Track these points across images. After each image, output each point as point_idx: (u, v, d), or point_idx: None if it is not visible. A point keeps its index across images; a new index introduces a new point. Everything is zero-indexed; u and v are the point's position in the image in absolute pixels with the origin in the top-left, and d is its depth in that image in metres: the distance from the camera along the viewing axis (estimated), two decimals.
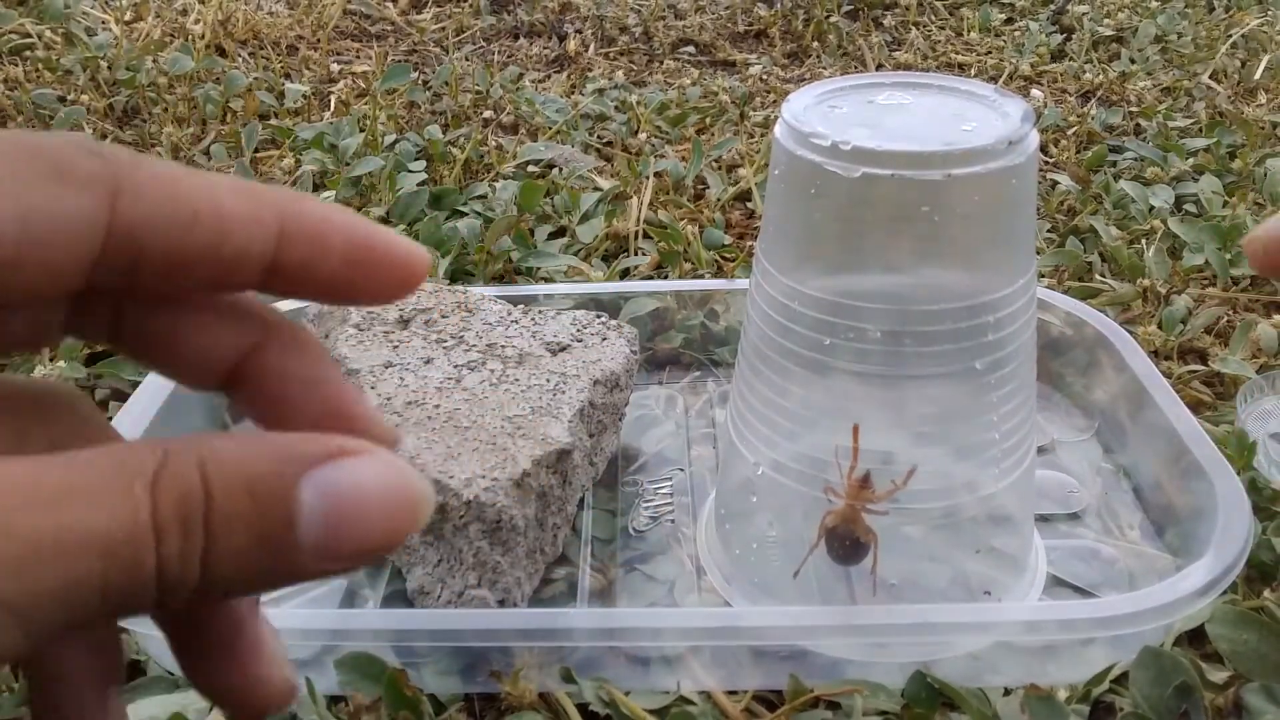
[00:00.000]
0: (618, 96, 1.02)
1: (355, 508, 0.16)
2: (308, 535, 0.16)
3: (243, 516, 0.15)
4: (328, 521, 0.16)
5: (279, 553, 0.16)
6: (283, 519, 0.16)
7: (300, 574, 0.16)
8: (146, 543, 0.15)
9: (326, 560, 0.16)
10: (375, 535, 0.16)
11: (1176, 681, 0.38)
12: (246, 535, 0.15)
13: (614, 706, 0.39)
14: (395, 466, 0.17)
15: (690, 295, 0.61)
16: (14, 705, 0.40)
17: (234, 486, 0.15)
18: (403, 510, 0.16)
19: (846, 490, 0.39)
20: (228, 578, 0.16)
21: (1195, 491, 0.45)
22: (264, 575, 0.16)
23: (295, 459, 0.16)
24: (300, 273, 0.18)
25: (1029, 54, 1.13)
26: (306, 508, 0.16)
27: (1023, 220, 0.39)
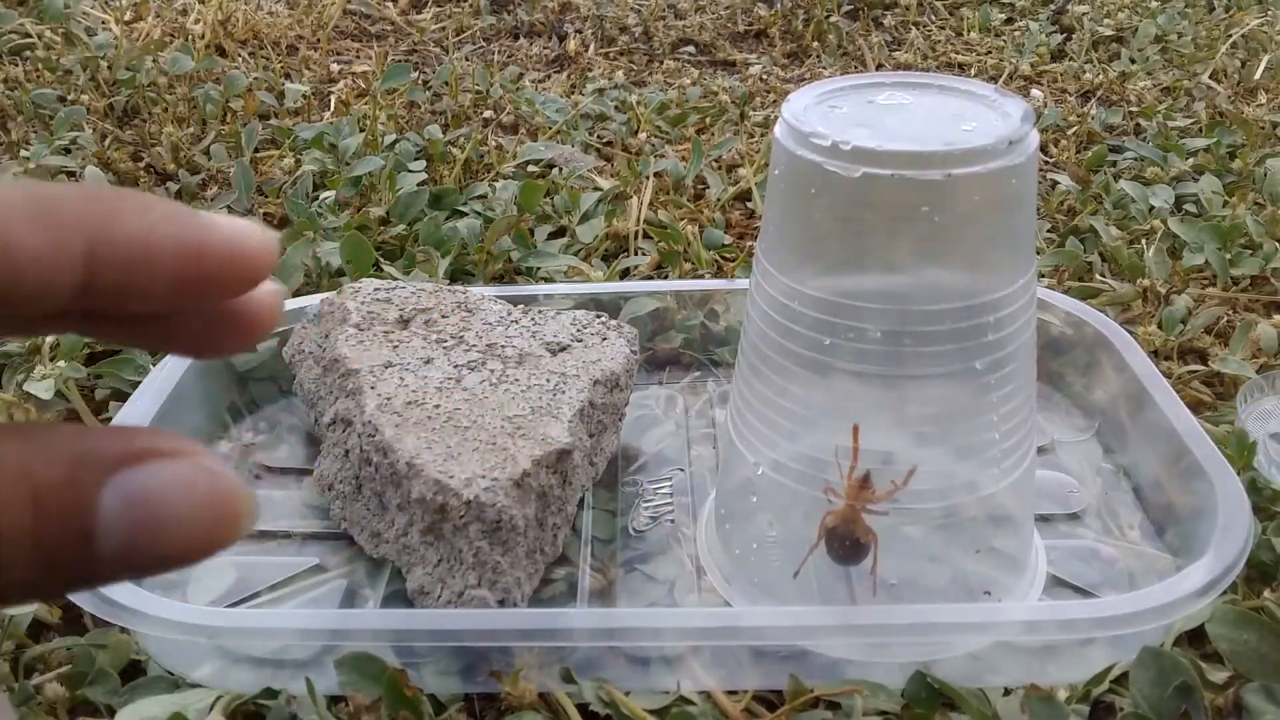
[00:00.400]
0: (618, 96, 1.02)
1: (161, 516, 0.15)
2: (107, 546, 0.14)
3: (27, 534, 0.14)
4: (131, 531, 0.15)
5: (68, 565, 0.15)
6: (75, 533, 0.14)
7: (95, 581, 0.15)
8: None
9: (126, 570, 0.15)
10: (184, 544, 0.15)
11: (1176, 682, 0.38)
12: (30, 550, 0.14)
13: (614, 707, 0.39)
14: (207, 470, 0.15)
15: (690, 295, 0.61)
16: (15, 704, 0.40)
17: (14, 499, 0.14)
18: (215, 518, 0.15)
19: (846, 490, 0.39)
20: (25, 594, 0.15)
21: (1195, 491, 0.45)
22: (51, 586, 0.15)
23: (96, 463, 0.15)
24: (121, 297, 0.16)
25: (1029, 54, 1.13)
26: (106, 518, 0.14)
27: (1023, 220, 0.39)
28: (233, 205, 0.78)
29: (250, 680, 0.40)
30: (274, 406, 0.58)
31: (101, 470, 0.15)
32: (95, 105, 0.94)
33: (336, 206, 0.78)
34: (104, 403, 0.57)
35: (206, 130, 0.92)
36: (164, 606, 0.38)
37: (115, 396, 0.57)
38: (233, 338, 0.18)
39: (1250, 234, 0.71)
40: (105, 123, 0.92)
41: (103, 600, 0.38)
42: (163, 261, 0.16)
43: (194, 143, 0.89)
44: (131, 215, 0.16)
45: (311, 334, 0.54)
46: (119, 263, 0.16)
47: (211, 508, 0.15)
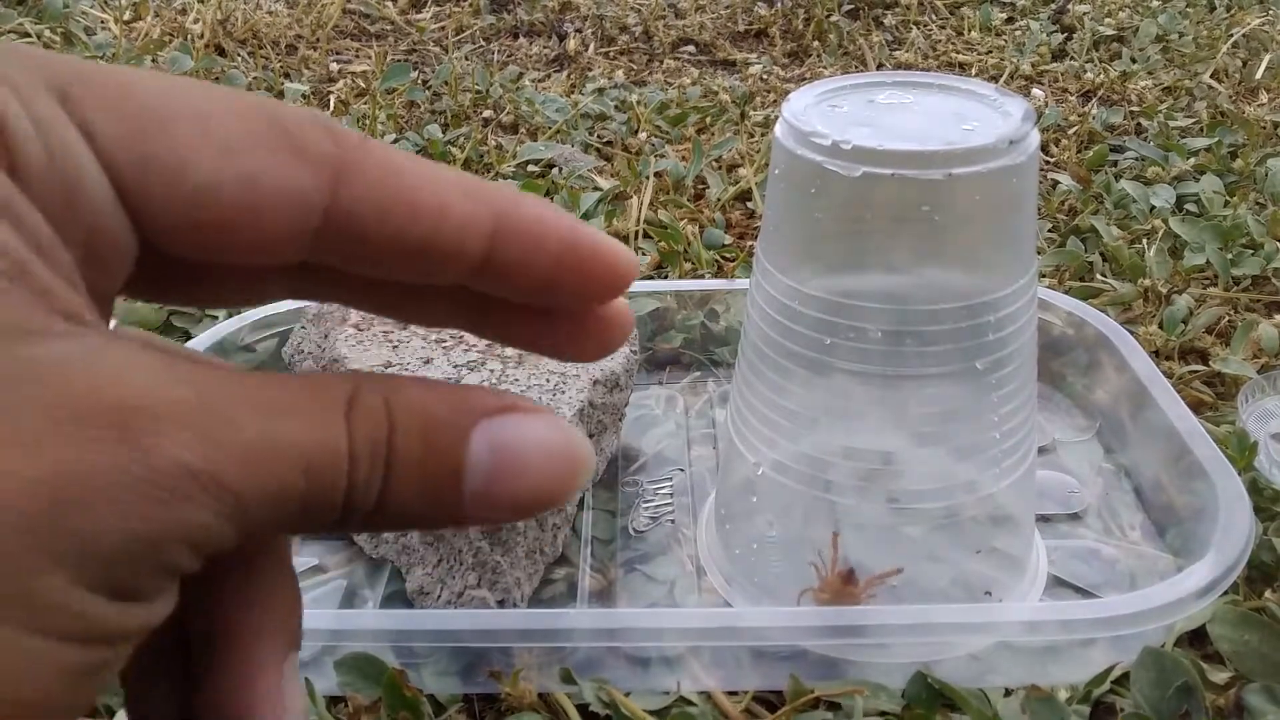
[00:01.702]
0: (618, 96, 1.02)
1: (518, 463, 0.17)
2: (471, 484, 0.17)
3: (416, 457, 0.16)
4: (491, 474, 0.17)
5: (442, 496, 0.17)
6: (450, 467, 0.17)
7: (459, 519, 0.17)
8: (342, 468, 0.16)
9: (484, 510, 0.17)
10: (535, 493, 0.17)
11: (1178, 682, 0.38)
12: (418, 477, 0.16)
13: (614, 707, 0.39)
14: (561, 428, 0.17)
15: (690, 295, 0.61)
16: None
17: (411, 427, 0.16)
18: (563, 472, 0.17)
19: (828, 584, 0.40)
20: (396, 513, 0.17)
21: (1196, 492, 0.44)
22: (428, 514, 0.17)
23: (470, 409, 0.17)
24: (510, 271, 0.18)
25: (1030, 53, 1.13)
26: (474, 458, 0.17)
27: (1024, 220, 0.38)
28: None
29: None
30: None
31: (475, 416, 0.17)
32: None
33: None
34: None
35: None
36: None
37: None
38: (593, 341, 0.20)
39: (1251, 234, 0.71)
40: None
41: None
42: (549, 246, 0.18)
43: None
44: (530, 201, 0.18)
45: (311, 334, 0.54)
46: (517, 237, 0.18)
47: (563, 461, 0.17)
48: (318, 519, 0.16)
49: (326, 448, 0.16)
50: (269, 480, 0.15)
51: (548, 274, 0.19)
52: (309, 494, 0.16)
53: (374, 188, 0.17)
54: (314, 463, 0.16)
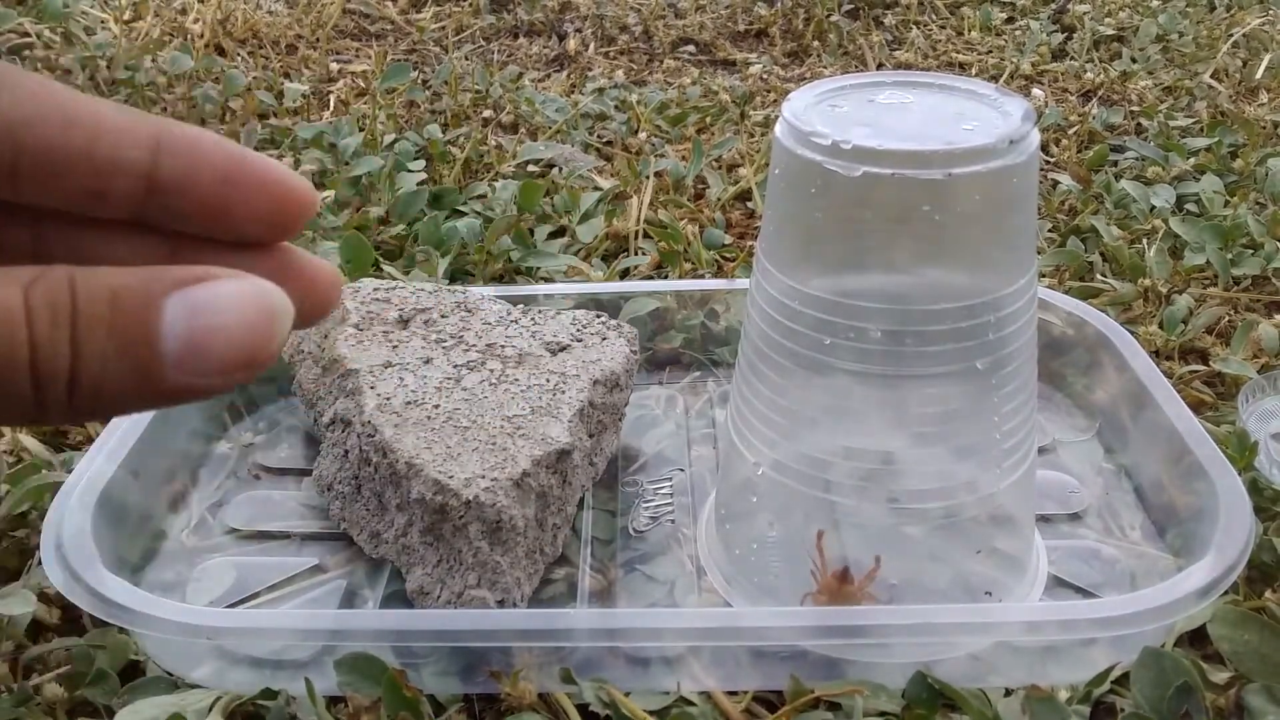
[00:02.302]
0: (618, 96, 1.02)
1: (215, 320, 0.17)
2: (169, 346, 0.17)
3: (103, 320, 0.16)
4: (189, 335, 0.17)
5: (139, 361, 0.17)
6: (142, 326, 0.16)
7: (164, 389, 0.17)
8: (18, 322, 0.16)
9: (188, 373, 0.17)
10: (237, 347, 0.17)
11: (1178, 682, 0.38)
12: (107, 339, 0.16)
13: (614, 707, 0.39)
14: (257, 284, 0.17)
15: (690, 295, 0.60)
16: (13, 705, 0.40)
17: (97, 294, 0.16)
18: (262, 322, 0.17)
19: (825, 585, 0.40)
20: (93, 386, 0.16)
21: (1196, 492, 0.44)
22: (129, 384, 0.17)
23: (162, 279, 0.17)
24: (177, 188, 0.19)
25: (1030, 53, 1.13)
26: (168, 322, 0.17)
27: (1024, 220, 0.38)
28: None
29: (249, 681, 0.40)
30: (273, 407, 0.58)
31: (170, 284, 0.17)
32: None
33: (336, 206, 0.77)
34: None
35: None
36: (163, 607, 0.38)
37: None
38: (299, 298, 0.20)
39: (1251, 234, 0.71)
40: None
41: (101, 601, 0.38)
42: (215, 161, 0.19)
43: None
44: (189, 125, 0.19)
45: (311, 334, 0.54)
46: (180, 152, 0.19)
47: (259, 314, 0.17)
48: (7, 391, 0.16)
49: (4, 300, 0.16)
50: None
51: (216, 194, 0.19)
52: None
53: (29, 100, 0.18)
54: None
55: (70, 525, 0.41)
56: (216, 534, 0.49)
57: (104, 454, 0.46)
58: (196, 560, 0.47)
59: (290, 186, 0.20)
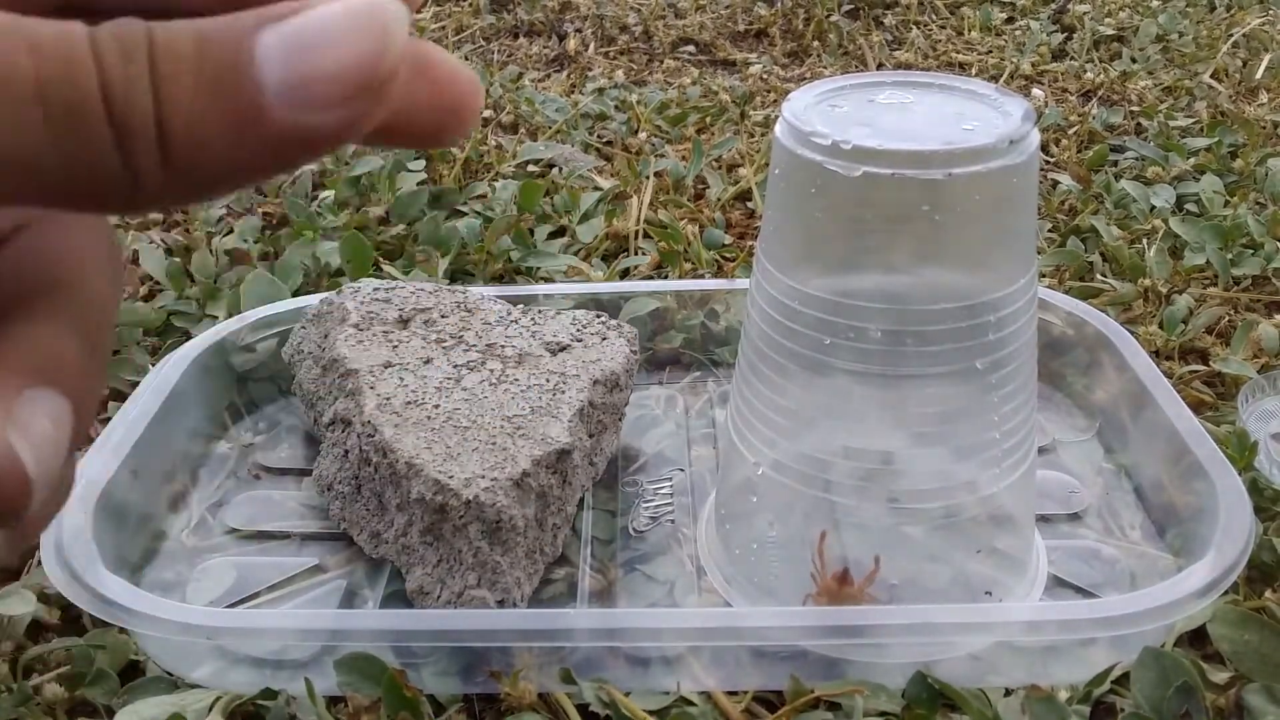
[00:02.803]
0: (618, 96, 1.02)
1: (318, 33, 0.14)
2: (269, 76, 0.14)
3: (187, 57, 0.14)
4: (289, 57, 0.14)
5: (240, 98, 0.14)
6: (234, 57, 0.14)
7: (273, 131, 0.14)
8: (81, 51, 0.13)
9: (298, 108, 0.14)
10: (345, 62, 0.14)
11: (1178, 682, 0.38)
12: (196, 75, 0.14)
13: (614, 707, 0.39)
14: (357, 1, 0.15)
15: (690, 295, 0.60)
16: (13, 705, 0.40)
17: (177, 33, 0.14)
18: (370, 28, 0.15)
19: (825, 587, 0.40)
20: (190, 130, 0.14)
21: (1196, 492, 0.44)
22: (233, 133, 0.14)
23: (249, 18, 0.14)
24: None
25: (1030, 53, 1.13)
26: (263, 49, 0.14)
27: (1024, 220, 0.38)
28: (232, 205, 0.78)
29: (249, 681, 0.40)
30: (273, 406, 0.58)
31: (259, 20, 0.14)
32: None
33: (336, 206, 0.77)
34: (103, 403, 0.57)
35: None
36: (163, 607, 0.38)
37: (115, 396, 0.57)
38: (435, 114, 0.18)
39: (1251, 234, 0.71)
40: None
41: (101, 600, 0.38)
42: None
43: None
44: None
45: (311, 334, 0.54)
46: None
47: (367, 18, 0.15)
48: (90, 151, 0.13)
49: (60, 32, 0.13)
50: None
51: None
52: (48, 91, 0.13)
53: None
54: (44, 43, 0.13)
55: (70, 525, 0.41)
56: (216, 534, 0.49)
57: (104, 454, 0.46)
58: (196, 560, 0.47)
59: None
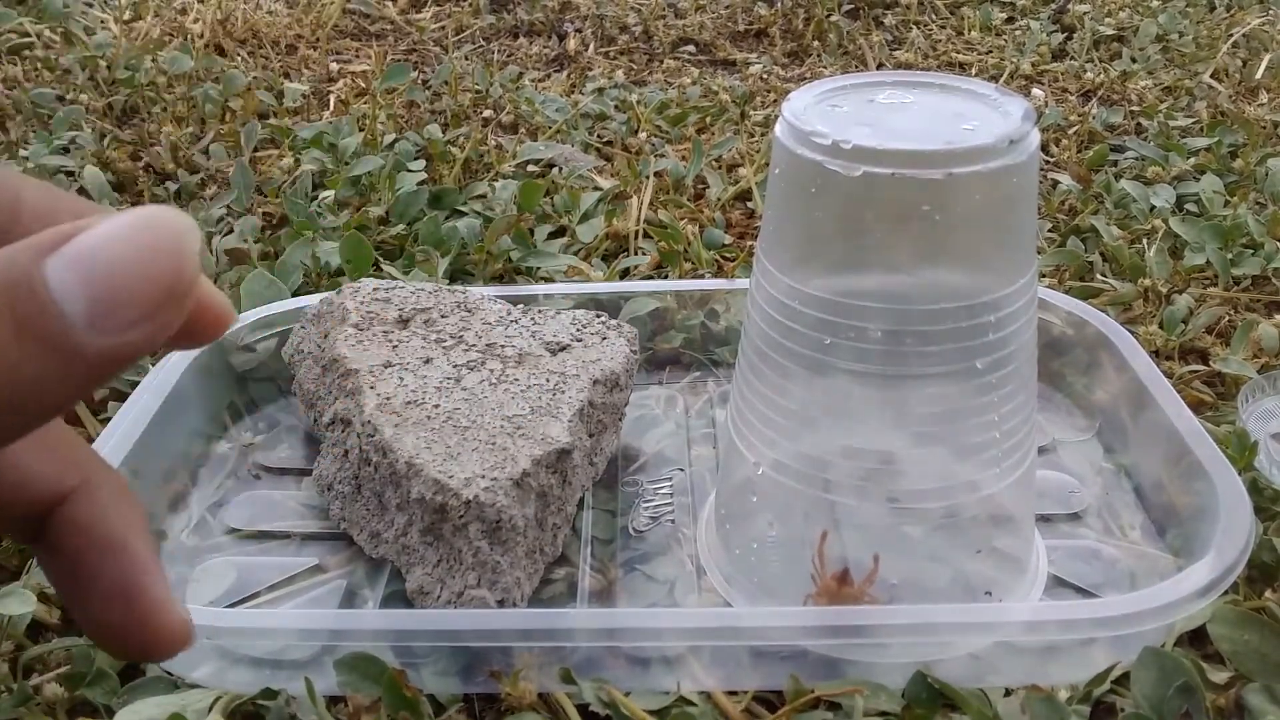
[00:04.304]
0: (618, 96, 1.02)
1: (105, 260, 0.14)
2: (72, 310, 0.14)
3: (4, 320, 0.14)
4: (85, 284, 0.14)
5: (50, 340, 0.14)
6: (32, 301, 0.14)
7: (88, 359, 0.14)
8: None
9: (107, 330, 0.14)
10: (145, 282, 0.14)
11: (1178, 682, 0.38)
12: (4, 326, 0.14)
13: (614, 707, 0.39)
14: (136, 214, 0.15)
15: (690, 295, 0.60)
16: (13, 705, 0.40)
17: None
18: (162, 246, 0.14)
19: (824, 587, 0.40)
20: (7, 381, 0.14)
21: (1196, 492, 0.44)
22: (53, 371, 0.14)
23: (27, 248, 0.14)
24: None
25: (1030, 53, 1.12)
26: (56, 285, 0.14)
27: (1024, 219, 0.38)
28: (231, 205, 0.78)
29: (249, 680, 0.40)
30: (273, 406, 0.58)
31: (38, 251, 0.14)
32: (94, 105, 0.94)
33: (336, 206, 0.77)
34: (103, 403, 0.57)
35: (205, 130, 0.92)
36: None
37: (114, 396, 0.57)
38: None
39: (1251, 233, 0.71)
40: (104, 122, 0.92)
41: None
42: None
43: (193, 142, 0.89)
44: None
45: (311, 334, 0.54)
46: None
47: (153, 236, 0.14)
48: None
49: None
50: None
51: None
52: None
53: None
54: None
55: None
56: (216, 534, 0.49)
57: (104, 454, 0.46)
58: (196, 560, 0.47)
59: None
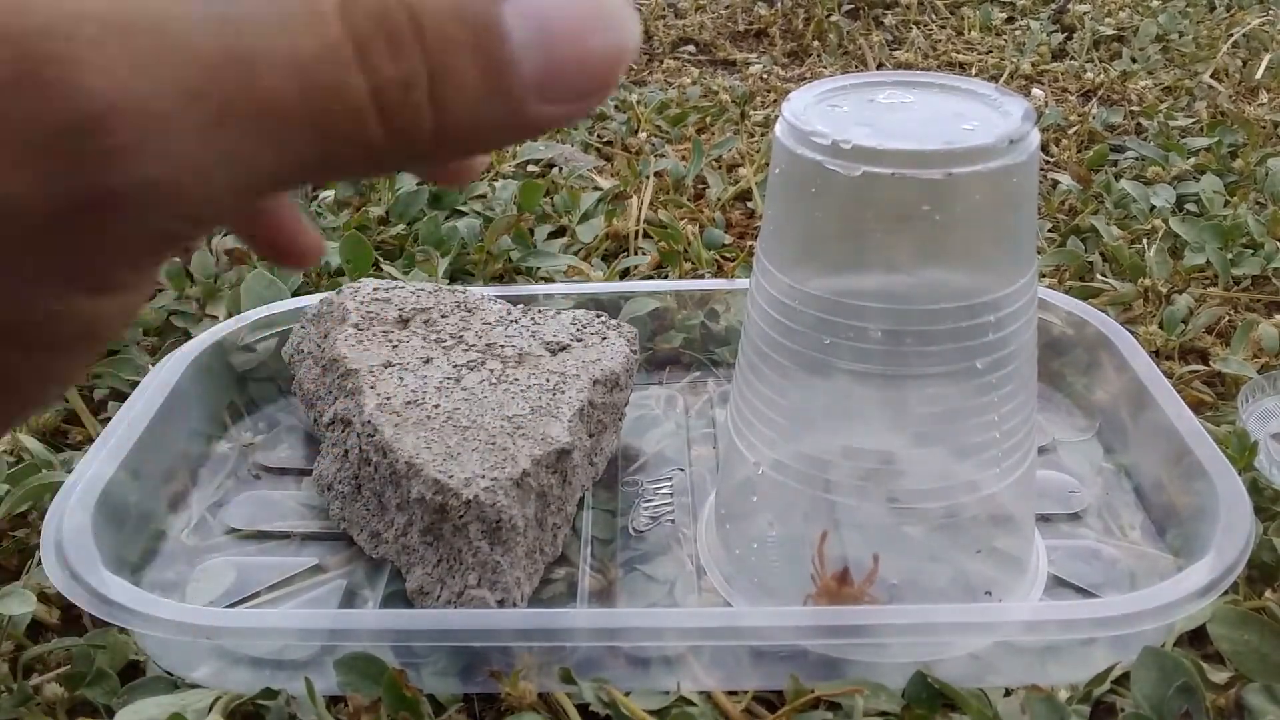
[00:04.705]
0: (617, 96, 1.02)
1: (563, 22, 0.14)
2: (527, 66, 0.14)
3: (457, 40, 0.14)
4: (544, 44, 0.14)
5: (507, 91, 0.14)
6: (498, 43, 0.14)
7: (527, 116, 0.15)
8: (344, 59, 0.13)
9: (550, 95, 0.15)
10: (595, 55, 0.15)
11: (1178, 682, 0.38)
12: (471, 62, 0.14)
13: (614, 707, 0.39)
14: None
15: (690, 295, 0.60)
16: (13, 705, 0.40)
17: (440, 8, 0.13)
18: (610, 16, 0.15)
19: (824, 587, 0.40)
20: (461, 123, 0.14)
21: (1196, 491, 0.44)
22: (495, 119, 0.14)
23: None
24: None
25: (1030, 53, 1.12)
26: (515, 32, 0.14)
27: (1024, 219, 0.38)
28: None
29: (249, 681, 0.40)
30: (273, 406, 0.58)
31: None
32: None
33: (335, 206, 0.77)
34: (103, 403, 0.57)
35: None
36: (163, 607, 0.38)
37: (114, 396, 0.57)
38: None
39: (1251, 233, 0.71)
40: None
41: (101, 600, 0.38)
42: None
43: None
44: None
45: (310, 334, 0.54)
46: None
47: (606, 21, 0.15)
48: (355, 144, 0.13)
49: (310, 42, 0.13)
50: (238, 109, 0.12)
51: None
52: (314, 111, 0.13)
53: None
54: (299, 62, 0.13)
55: (70, 525, 0.41)
56: (216, 534, 0.49)
57: (104, 454, 0.46)
58: (196, 560, 0.47)
59: None
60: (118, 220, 0.12)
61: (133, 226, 0.13)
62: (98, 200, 0.12)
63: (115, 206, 0.12)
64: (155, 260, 0.14)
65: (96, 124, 0.12)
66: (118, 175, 0.12)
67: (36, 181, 0.12)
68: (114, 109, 0.12)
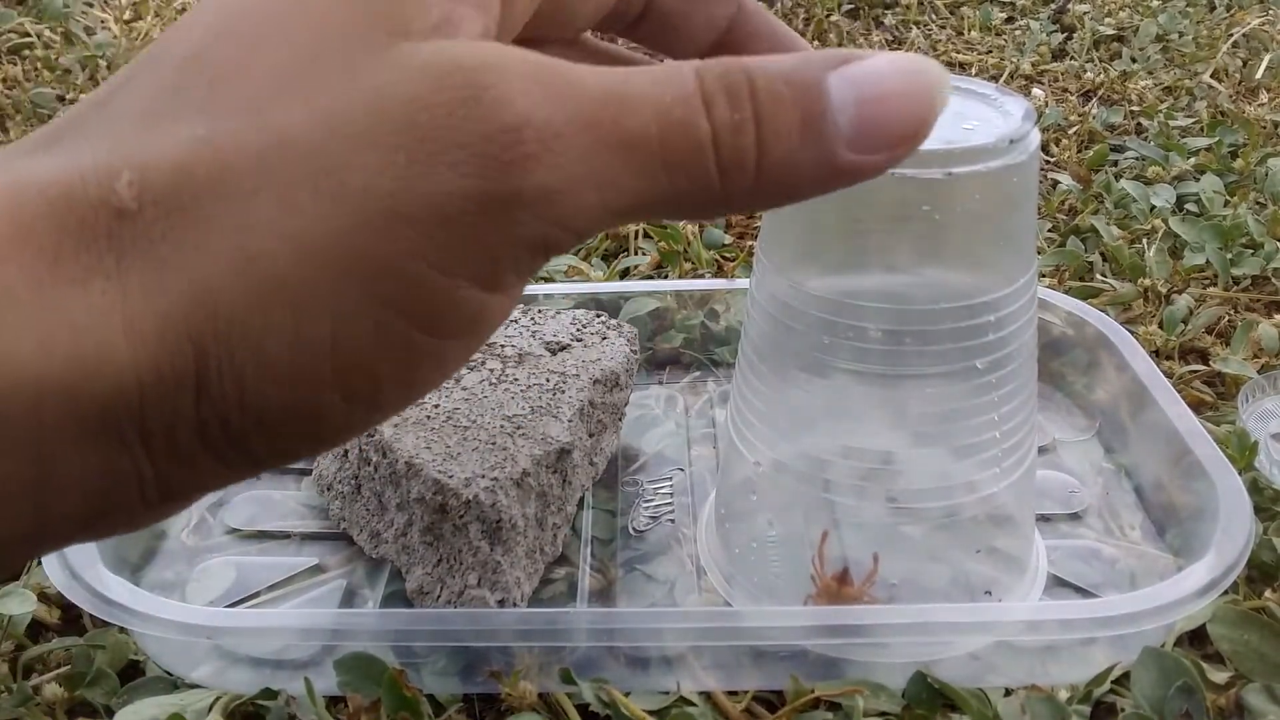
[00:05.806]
0: None
1: (878, 87, 0.17)
2: (842, 120, 0.17)
3: (783, 98, 0.17)
4: (858, 103, 0.17)
5: (820, 140, 0.17)
6: (818, 102, 0.17)
7: (837, 163, 0.17)
8: (695, 106, 0.16)
9: (859, 147, 0.17)
10: (902, 117, 0.17)
11: (1178, 682, 0.38)
12: (792, 114, 0.17)
13: (614, 707, 0.39)
14: (904, 55, 0.18)
15: (690, 295, 0.60)
16: (13, 705, 0.40)
17: (772, 75, 0.17)
18: (922, 89, 0.17)
19: (824, 588, 0.40)
20: (779, 164, 0.17)
21: (1196, 491, 0.44)
22: (810, 167, 0.17)
23: (817, 62, 0.17)
24: None
25: (1030, 53, 1.12)
26: (835, 95, 0.17)
27: (1024, 219, 0.38)
28: None
29: (249, 681, 0.40)
30: None
31: (825, 65, 0.17)
32: None
33: None
34: None
35: None
36: (163, 607, 0.38)
37: None
38: None
39: (1251, 233, 0.71)
40: None
41: (101, 600, 0.38)
42: None
43: None
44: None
45: None
46: None
47: (915, 74, 0.18)
48: (693, 177, 0.16)
49: (673, 90, 0.16)
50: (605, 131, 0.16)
51: None
52: (667, 140, 0.16)
53: None
54: (661, 104, 0.16)
55: None
56: (216, 534, 0.49)
57: None
58: (196, 560, 0.47)
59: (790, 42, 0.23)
60: (515, 220, 0.16)
61: (524, 227, 0.16)
62: (504, 196, 0.15)
63: (517, 204, 0.16)
64: (532, 265, 0.17)
65: (514, 134, 0.15)
66: (521, 177, 0.15)
67: (464, 178, 0.15)
68: (528, 122, 0.15)
